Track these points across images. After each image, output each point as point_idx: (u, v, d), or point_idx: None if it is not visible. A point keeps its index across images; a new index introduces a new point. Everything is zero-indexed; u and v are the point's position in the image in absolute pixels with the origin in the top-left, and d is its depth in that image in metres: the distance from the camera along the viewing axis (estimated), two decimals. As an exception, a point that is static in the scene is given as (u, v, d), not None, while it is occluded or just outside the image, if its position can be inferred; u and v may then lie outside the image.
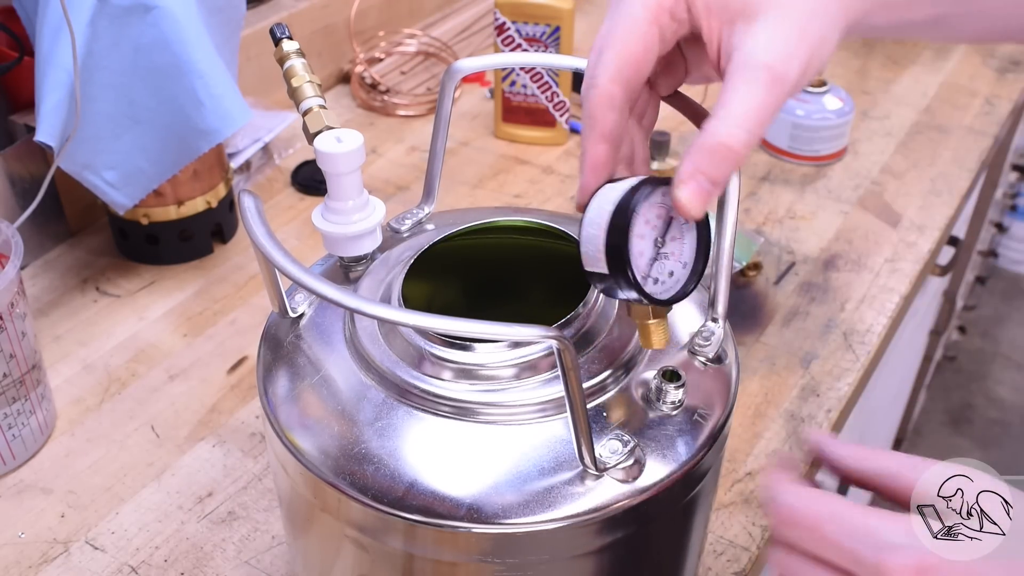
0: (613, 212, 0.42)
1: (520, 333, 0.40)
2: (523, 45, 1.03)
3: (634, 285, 0.42)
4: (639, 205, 0.41)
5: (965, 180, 1.06)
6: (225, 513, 0.67)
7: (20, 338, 0.67)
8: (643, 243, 0.42)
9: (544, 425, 0.45)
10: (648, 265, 0.43)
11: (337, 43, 1.18)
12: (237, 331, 0.83)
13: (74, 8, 0.72)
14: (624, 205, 0.41)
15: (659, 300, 0.43)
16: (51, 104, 0.74)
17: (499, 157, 1.08)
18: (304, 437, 0.46)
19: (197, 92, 0.78)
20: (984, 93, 1.22)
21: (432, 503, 0.43)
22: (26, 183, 0.86)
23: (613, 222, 0.42)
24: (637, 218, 0.42)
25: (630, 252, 0.42)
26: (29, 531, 0.66)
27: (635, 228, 0.42)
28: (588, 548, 0.45)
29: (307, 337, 0.51)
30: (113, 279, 0.89)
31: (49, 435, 0.73)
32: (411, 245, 0.55)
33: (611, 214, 0.42)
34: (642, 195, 0.42)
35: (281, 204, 0.99)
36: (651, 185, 0.42)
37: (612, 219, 0.42)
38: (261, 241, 0.44)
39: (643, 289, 0.42)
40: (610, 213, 0.42)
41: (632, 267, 0.42)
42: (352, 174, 0.52)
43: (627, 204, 0.41)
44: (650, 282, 0.43)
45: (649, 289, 0.43)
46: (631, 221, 0.41)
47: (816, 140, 1.05)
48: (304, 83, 0.52)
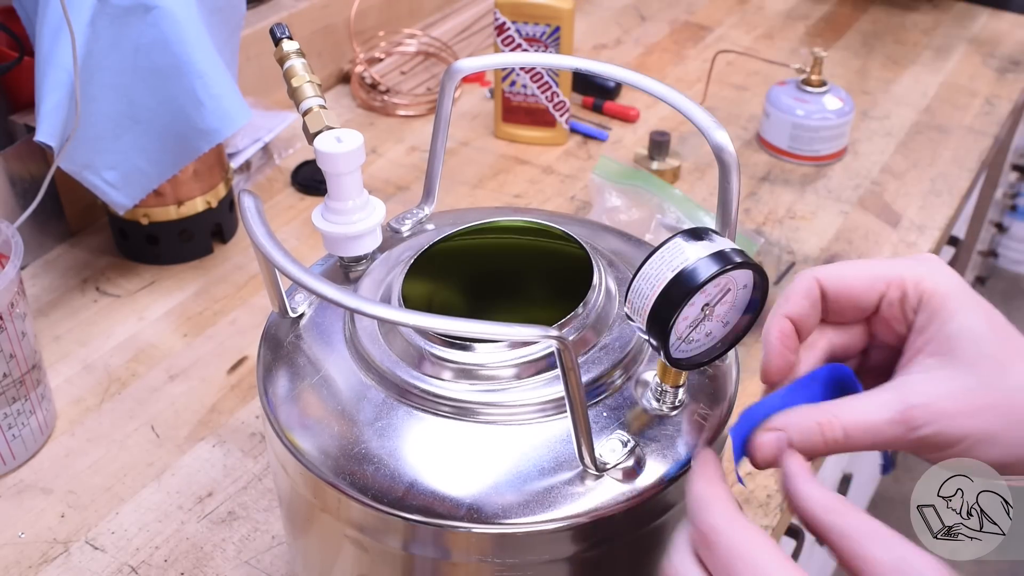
0: (671, 281, 0.39)
1: (520, 333, 0.40)
2: (523, 45, 1.03)
3: (665, 352, 0.40)
4: (702, 286, 0.39)
5: (965, 180, 1.06)
6: (225, 513, 0.67)
7: (20, 338, 0.67)
8: (692, 309, 0.40)
9: (544, 425, 0.45)
10: (688, 329, 0.41)
11: (337, 43, 1.18)
12: (237, 331, 0.83)
13: (74, 8, 0.72)
14: (687, 282, 0.38)
15: (681, 364, 0.42)
16: (51, 104, 0.74)
17: (499, 157, 1.08)
18: (304, 437, 0.46)
19: (197, 92, 0.78)
20: (984, 93, 1.22)
21: (432, 503, 0.43)
22: (26, 183, 0.86)
23: (668, 292, 0.39)
24: (697, 297, 0.39)
25: (675, 323, 0.39)
26: (29, 531, 0.66)
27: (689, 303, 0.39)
28: (588, 548, 0.45)
29: (307, 337, 0.51)
30: (113, 279, 0.89)
31: (49, 435, 0.73)
32: (411, 245, 0.55)
33: (668, 282, 0.39)
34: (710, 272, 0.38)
35: (281, 204, 0.99)
36: (723, 262, 0.39)
37: (668, 288, 0.39)
38: (261, 241, 0.44)
39: (671, 355, 0.41)
40: (667, 281, 0.39)
41: (671, 336, 0.40)
42: (352, 174, 0.52)
43: (690, 284, 0.38)
44: (683, 343, 0.41)
45: (679, 349, 0.41)
46: (687, 300, 0.39)
47: (816, 140, 1.05)
48: (304, 83, 0.52)
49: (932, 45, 1.34)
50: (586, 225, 0.59)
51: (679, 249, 0.40)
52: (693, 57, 1.30)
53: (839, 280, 0.44)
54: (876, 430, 0.40)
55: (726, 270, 0.39)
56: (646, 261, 0.40)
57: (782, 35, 1.36)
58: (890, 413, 0.39)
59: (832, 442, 0.40)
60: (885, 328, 0.44)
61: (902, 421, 0.39)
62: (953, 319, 0.41)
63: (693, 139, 1.10)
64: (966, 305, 0.41)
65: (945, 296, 0.42)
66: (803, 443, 0.40)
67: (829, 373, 0.44)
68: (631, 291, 0.41)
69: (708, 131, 0.45)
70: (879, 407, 0.40)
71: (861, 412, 0.40)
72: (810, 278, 0.44)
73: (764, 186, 1.04)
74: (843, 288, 0.44)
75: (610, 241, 0.57)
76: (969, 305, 0.41)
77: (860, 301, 0.44)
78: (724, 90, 1.21)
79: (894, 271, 0.43)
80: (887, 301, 0.43)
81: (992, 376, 0.40)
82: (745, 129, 1.14)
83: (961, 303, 0.41)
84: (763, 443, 0.41)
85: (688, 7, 1.43)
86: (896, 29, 1.38)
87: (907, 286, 0.43)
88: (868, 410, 0.40)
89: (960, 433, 0.39)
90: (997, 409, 0.39)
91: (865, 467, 1.50)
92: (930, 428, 0.39)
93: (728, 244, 0.40)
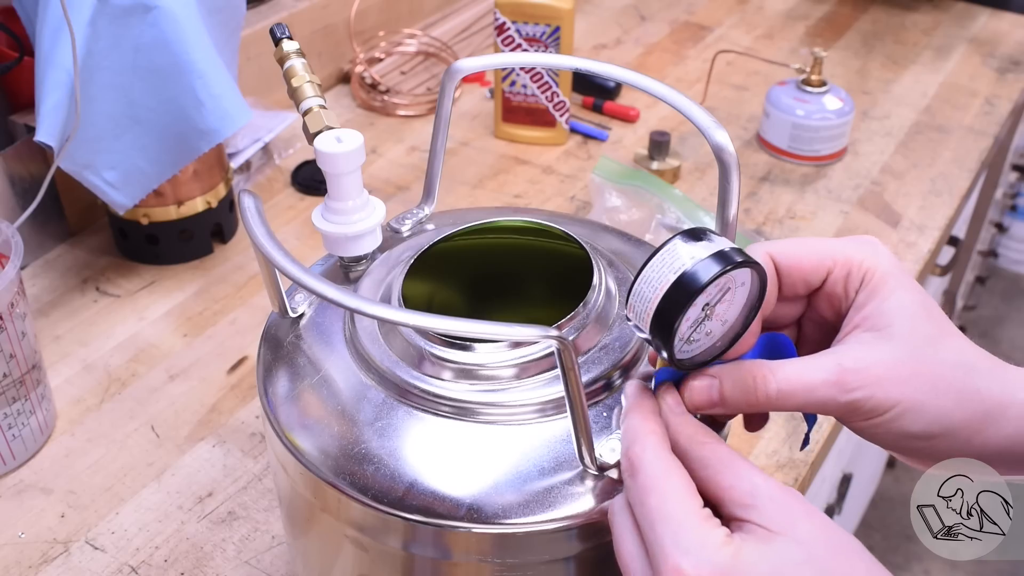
0: (673, 284, 0.39)
1: (520, 333, 0.40)
2: (523, 45, 1.03)
3: (668, 352, 0.40)
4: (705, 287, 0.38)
5: (965, 180, 1.06)
6: (225, 513, 0.67)
7: (20, 338, 0.67)
8: (694, 311, 0.40)
9: (544, 425, 0.45)
10: (690, 329, 0.41)
11: (337, 43, 1.18)
12: (237, 331, 0.83)
13: (74, 8, 0.72)
14: (689, 284, 0.38)
15: (684, 364, 0.42)
16: (51, 104, 0.74)
17: (499, 157, 1.08)
18: (304, 437, 0.46)
19: (197, 92, 0.78)
20: (984, 93, 1.22)
21: (432, 503, 0.43)
22: (26, 183, 0.86)
23: (671, 295, 0.39)
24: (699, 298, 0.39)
25: (679, 326, 0.39)
26: (29, 531, 0.66)
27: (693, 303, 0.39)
28: (588, 548, 0.45)
29: (307, 337, 0.51)
30: (113, 279, 0.89)
31: (49, 435, 0.73)
32: (411, 245, 0.55)
33: (671, 285, 0.39)
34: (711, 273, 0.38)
35: (281, 204, 0.99)
36: (724, 262, 0.39)
37: (670, 291, 0.39)
38: (261, 241, 0.44)
39: (675, 356, 0.41)
40: (670, 284, 0.39)
41: (676, 338, 0.40)
42: (352, 174, 0.52)
43: (693, 286, 0.38)
44: (684, 344, 0.41)
45: (681, 350, 0.41)
46: (690, 303, 0.39)
47: (816, 140, 1.05)
48: (304, 83, 0.52)
49: (932, 45, 1.34)
50: (586, 225, 0.59)
51: (679, 251, 0.40)
52: (693, 57, 1.30)
53: (792, 257, 0.45)
54: (810, 388, 0.41)
55: (727, 270, 0.39)
56: (646, 264, 0.40)
57: (782, 35, 1.36)
58: (825, 374, 0.41)
59: (764, 396, 0.41)
60: (825, 303, 0.45)
61: (837, 383, 0.41)
62: (890, 298, 0.43)
63: (693, 139, 1.10)
64: (903, 286, 0.43)
65: (884, 276, 0.43)
66: (735, 392, 0.42)
67: (768, 340, 0.45)
68: (632, 295, 0.40)
69: (708, 131, 0.45)
70: (815, 369, 0.41)
71: (796, 371, 0.41)
72: (763, 253, 0.45)
73: (764, 186, 1.04)
74: (795, 264, 0.45)
75: (610, 241, 0.57)
76: (905, 286, 0.43)
77: (809, 277, 0.45)
78: (724, 90, 1.21)
79: (842, 251, 0.44)
80: (832, 279, 0.44)
81: (923, 349, 0.41)
82: (745, 129, 1.14)
83: (898, 283, 0.43)
84: (695, 387, 0.43)
85: (688, 7, 1.43)
86: (896, 29, 1.38)
87: (852, 266, 0.44)
88: (804, 370, 0.41)
89: (891, 400, 0.41)
90: (926, 379, 0.41)
91: (866, 467, 1.50)
92: (862, 392, 0.41)
93: (727, 243, 0.40)
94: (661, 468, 0.39)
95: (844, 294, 0.44)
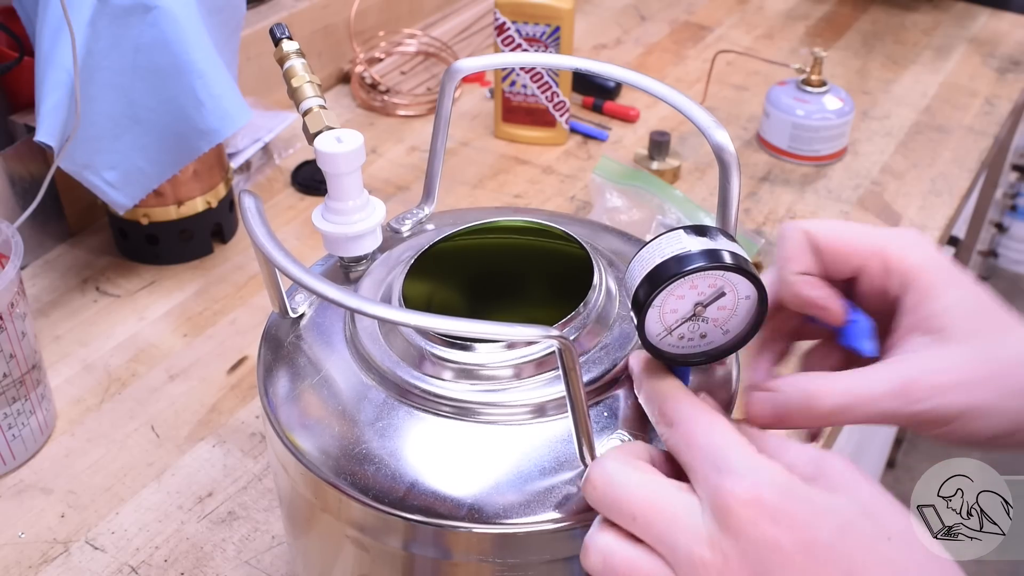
0: (658, 264, 0.40)
1: (521, 333, 0.40)
2: (523, 45, 1.03)
3: (640, 332, 0.41)
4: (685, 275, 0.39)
5: (965, 180, 1.06)
6: (225, 513, 0.67)
7: (20, 338, 0.67)
8: (680, 302, 0.40)
9: (544, 425, 0.45)
10: (677, 322, 0.41)
11: (337, 43, 1.18)
12: (237, 331, 0.83)
13: (74, 8, 0.72)
14: (671, 267, 0.39)
15: (664, 355, 0.42)
16: (51, 104, 0.74)
17: (499, 157, 1.08)
18: (304, 437, 0.46)
19: (197, 92, 0.78)
20: (984, 93, 1.22)
21: (433, 503, 0.43)
22: (26, 183, 0.86)
23: (652, 274, 0.40)
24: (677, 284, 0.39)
25: (652, 305, 0.40)
26: (29, 531, 0.66)
27: (673, 289, 0.40)
28: (588, 548, 0.45)
29: (307, 337, 0.51)
30: (113, 279, 0.89)
31: (49, 435, 0.73)
32: (411, 245, 0.55)
33: (656, 266, 0.40)
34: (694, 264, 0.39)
35: (281, 204, 0.99)
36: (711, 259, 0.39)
37: (654, 270, 0.40)
38: (261, 241, 0.44)
39: (647, 340, 0.41)
40: (655, 265, 0.40)
41: (646, 319, 0.40)
42: (352, 174, 0.52)
43: (674, 269, 0.39)
44: (672, 336, 0.41)
45: (665, 341, 0.41)
46: (666, 285, 0.39)
47: (816, 140, 1.05)
48: (304, 83, 0.52)
49: (932, 45, 1.34)
50: (586, 225, 0.59)
51: (678, 239, 0.40)
52: (693, 57, 1.30)
53: (835, 236, 0.43)
54: (874, 401, 0.40)
55: (712, 267, 0.39)
56: (645, 245, 0.41)
57: (782, 35, 1.36)
58: (889, 386, 0.39)
59: (827, 412, 0.40)
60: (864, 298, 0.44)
61: (902, 394, 0.39)
62: (943, 297, 0.41)
63: (693, 139, 1.10)
64: (954, 281, 0.41)
65: (931, 273, 0.42)
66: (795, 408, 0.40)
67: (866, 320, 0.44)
68: (627, 273, 0.41)
69: (708, 131, 0.45)
70: (878, 380, 0.40)
71: (860, 383, 0.40)
72: (799, 231, 0.43)
73: (764, 186, 1.04)
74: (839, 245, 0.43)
75: (610, 241, 0.57)
76: (957, 281, 0.42)
77: (850, 260, 0.43)
78: (724, 90, 1.21)
79: (878, 240, 0.43)
80: (869, 271, 0.43)
81: (983, 350, 0.40)
82: (745, 129, 1.14)
83: (949, 279, 0.42)
84: (755, 401, 0.41)
85: (688, 7, 1.43)
86: (896, 29, 1.38)
87: (890, 260, 0.43)
88: (867, 382, 0.40)
89: (957, 408, 0.39)
90: (991, 382, 0.40)
91: (866, 467, 1.50)
92: (930, 403, 0.39)
93: (730, 246, 0.40)
94: (704, 409, 0.39)
95: (882, 289, 0.43)
